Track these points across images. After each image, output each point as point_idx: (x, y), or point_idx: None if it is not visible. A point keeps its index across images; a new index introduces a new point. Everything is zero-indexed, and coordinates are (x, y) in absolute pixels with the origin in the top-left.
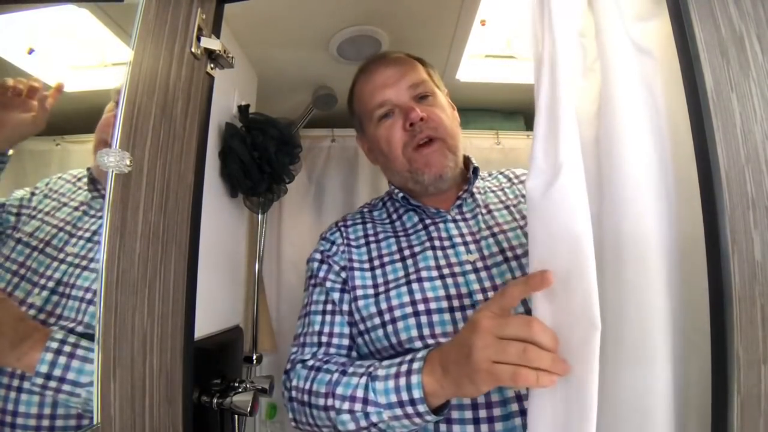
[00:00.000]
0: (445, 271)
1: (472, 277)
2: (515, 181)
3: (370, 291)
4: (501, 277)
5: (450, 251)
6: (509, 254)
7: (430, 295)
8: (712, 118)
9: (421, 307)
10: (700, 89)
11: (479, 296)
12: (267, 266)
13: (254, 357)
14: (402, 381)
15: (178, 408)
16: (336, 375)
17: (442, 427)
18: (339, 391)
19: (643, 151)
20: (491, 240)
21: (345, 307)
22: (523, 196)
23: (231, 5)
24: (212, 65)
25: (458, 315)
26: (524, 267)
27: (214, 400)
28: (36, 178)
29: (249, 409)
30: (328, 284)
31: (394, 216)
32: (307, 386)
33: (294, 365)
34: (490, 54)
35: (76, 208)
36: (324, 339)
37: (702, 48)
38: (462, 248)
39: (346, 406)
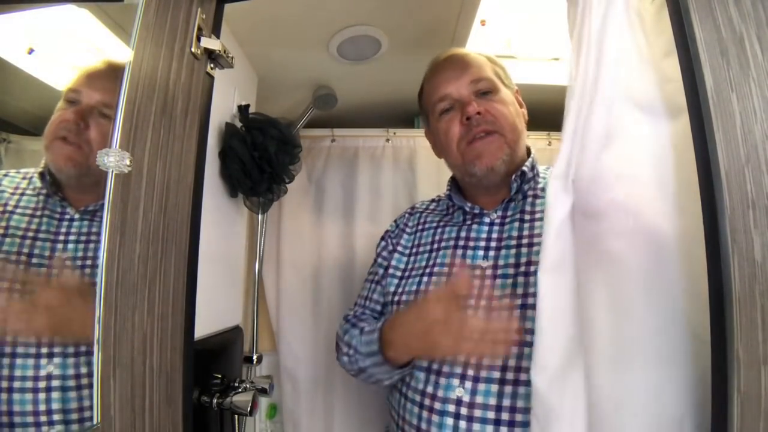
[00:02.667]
0: (455, 270)
1: (476, 282)
2: None
3: (398, 273)
4: (502, 289)
5: (469, 252)
6: (522, 269)
7: (431, 288)
8: (712, 118)
9: (420, 297)
10: (700, 89)
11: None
12: (267, 266)
13: (254, 357)
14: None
15: (178, 408)
16: (356, 331)
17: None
18: (353, 341)
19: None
20: (513, 251)
21: (383, 281)
22: None
23: (231, 5)
24: (212, 65)
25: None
26: (530, 285)
27: (214, 400)
28: None
29: (249, 409)
30: (380, 260)
31: (450, 210)
32: (341, 334)
33: (342, 319)
34: (490, 54)
35: (32, 215)
36: (366, 303)
37: (702, 48)
38: (481, 252)
39: (346, 350)
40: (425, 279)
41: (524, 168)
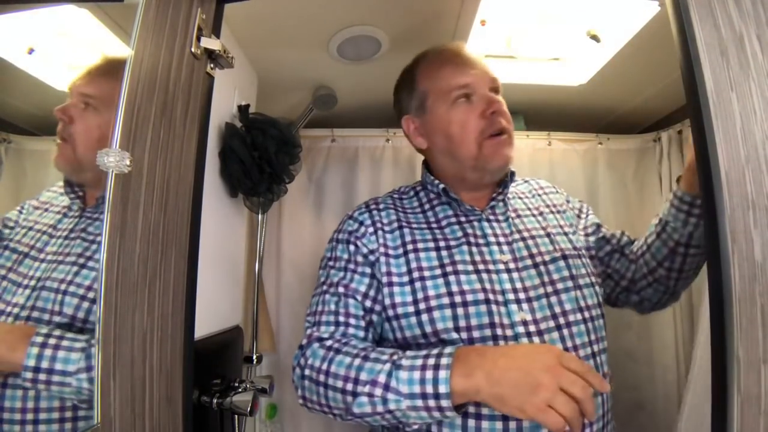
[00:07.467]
0: (480, 267)
1: (505, 276)
2: (539, 192)
3: (405, 278)
4: (530, 280)
5: (485, 249)
6: (538, 259)
7: (466, 287)
8: (712, 118)
9: (458, 299)
10: (700, 89)
11: (510, 295)
12: (267, 266)
13: (254, 357)
14: (428, 374)
15: (178, 408)
16: (358, 360)
17: (471, 422)
18: (361, 375)
19: None
20: (521, 244)
21: (362, 289)
22: (548, 206)
23: (231, 5)
24: (212, 65)
25: (494, 308)
26: (551, 273)
27: (214, 400)
28: (36, 177)
29: (249, 409)
30: (351, 266)
31: (426, 206)
32: (325, 367)
33: (311, 342)
34: (490, 54)
35: (58, 212)
36: (341, 319)
37: (702, 48)
38: (496, 248)
39: (366, 389)
40: (452, 278)
41: (513, 170)
